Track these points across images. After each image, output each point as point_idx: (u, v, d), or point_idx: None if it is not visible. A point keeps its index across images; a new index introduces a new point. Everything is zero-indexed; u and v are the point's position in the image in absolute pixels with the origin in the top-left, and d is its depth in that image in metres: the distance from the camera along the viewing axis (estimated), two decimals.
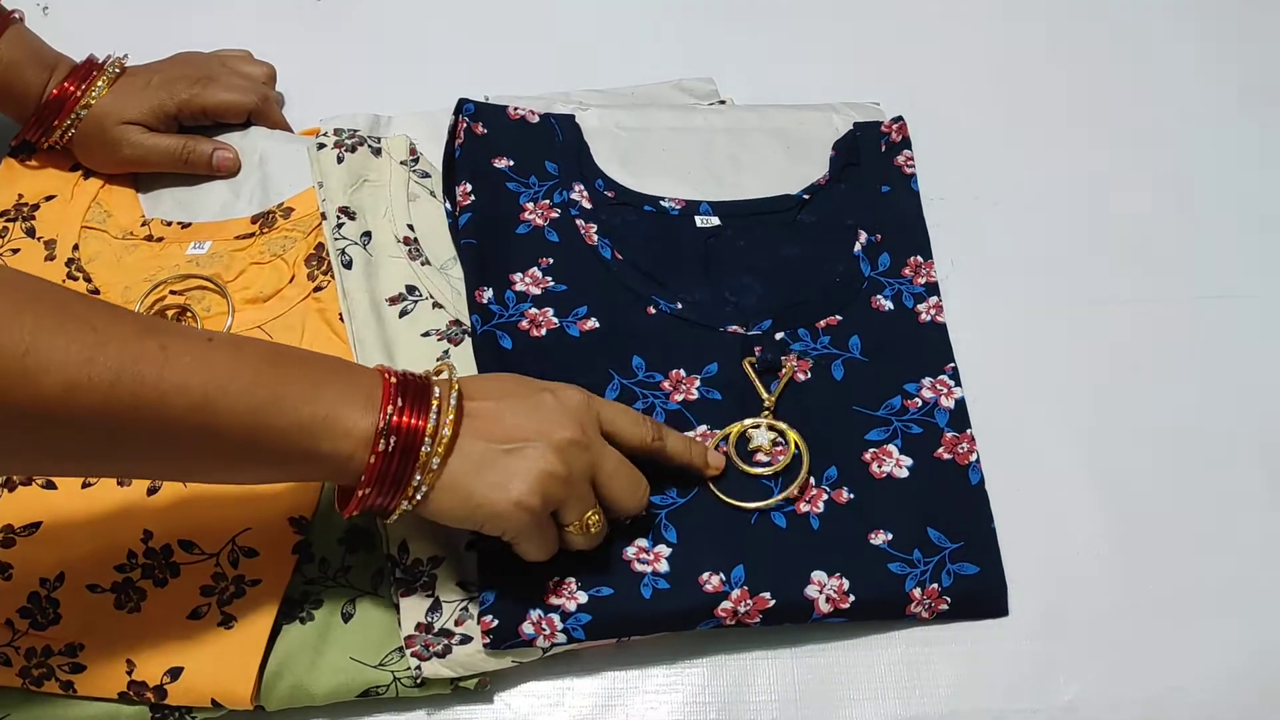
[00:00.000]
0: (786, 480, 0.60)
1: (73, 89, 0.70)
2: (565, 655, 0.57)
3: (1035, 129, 0.78)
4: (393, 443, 0.48)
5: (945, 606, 0.58)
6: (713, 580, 0.56)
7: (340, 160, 0.69)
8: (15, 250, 0.69)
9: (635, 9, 0.85)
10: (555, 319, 0.64)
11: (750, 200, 0.71)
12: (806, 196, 0.71)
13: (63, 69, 0.71)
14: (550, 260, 0.67)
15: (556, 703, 0.57)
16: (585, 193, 0.69)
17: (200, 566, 0.58)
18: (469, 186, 0.68)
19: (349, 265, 0.66)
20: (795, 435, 0.61)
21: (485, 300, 0.64)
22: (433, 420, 0.49)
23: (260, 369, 0.47)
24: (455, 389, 0.51)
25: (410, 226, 0.68)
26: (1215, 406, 0.66)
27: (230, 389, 0.45)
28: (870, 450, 0.62)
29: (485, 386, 0.53)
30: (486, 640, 0.55)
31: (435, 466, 0.49)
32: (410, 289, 0.66)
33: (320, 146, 0.70)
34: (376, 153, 0.70)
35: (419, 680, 0.55)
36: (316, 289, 0.66)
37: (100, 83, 0.70)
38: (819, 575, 0.57)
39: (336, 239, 0.66)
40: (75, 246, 0.69)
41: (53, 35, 0.72)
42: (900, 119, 0.74)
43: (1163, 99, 0.80)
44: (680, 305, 0.66)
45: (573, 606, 0.55)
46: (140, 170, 0.72)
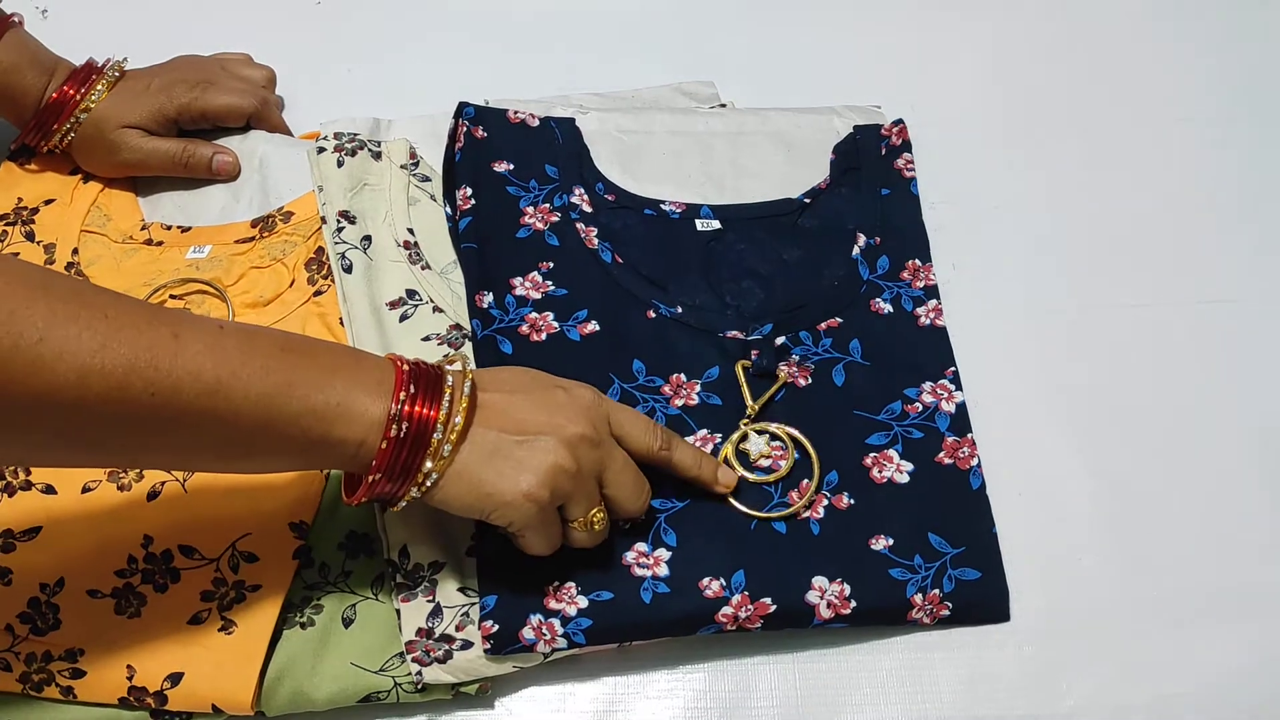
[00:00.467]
0: (787, 486, 0.60)
1: (72, 93, 0.69)
2: (566, 660, 0.57)
3: (1035, 133, 0.78)
4: (404, 430, 0.48)
5: (947, 612, 0.58)
6: (713, 585, 0.56)
7: (340, 164, 0.69)
8: (15, 254, 0.69)
9: (636, 12, 0.85)
10: (555, 323, 0.64)
11: (751, 204, 0.71)
12: (808, 200, 0.71)
13: (62, 72, 0.70)
14: (550, 264, 0.66)
15: (558, 708, 0.57)
16: (585, 196, 0.69)
17: (200, 571, 0.58)
18: (469, 190, 0.68)
19: (349, 269, 0.65)
20: (806, 441, 0.61)
21: (485, 305, 0.64)
22: (445, 409, 0.49)
23: (272, 356, 0.47)
24: (469, 378, 0.51)
25: (410, 230, 0.68)
26: (1216, 411, 0.66)
27: (242, 375, 0.45)
28: (871, 455, 0.61)
29: (498, 378, 0.53)
30: (487, 645, 0.55)
31: (446, 454, 0.49)
32: (410, 293, 0.66)
33: (320, 150, 0.70)
34: (376, 156, 0.70)
35: (420, 686, 0.55)
36: (316, 293, 0.66)
37: (100, 86, 0.70)
38: (820, 581, 0.57)
39: (336, 243, 0.66)
40: (75, 250, 0.69)
41: (51, 39, 0.72)
42: (901, 122, 0.74)
43: (1163, 103, 0.80)
44: (681, 309, 0.66)
45: (573, 611, 0.55)
46: (140, 174, 0.72)
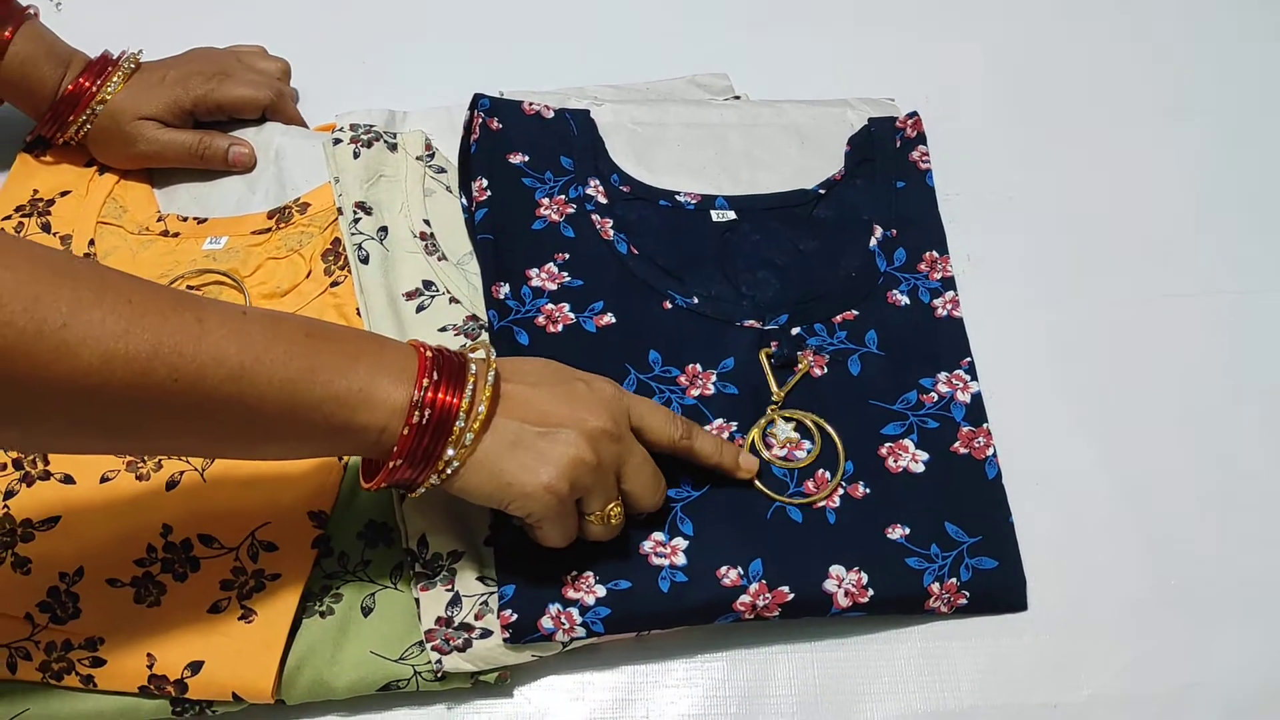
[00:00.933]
0: (804, 475, 0.60)
1: (88, 85, 0.70)
2: (585, 649, 0.57)
3: (1050, 124, 0.78)
4: (426, 416, 0.48)
5: (964, 601, 0.58)
6: (731, 574, 0.56)
7: (356, 155, 0.69)
8: None
9: (650, 5, 0.85)
10: (572, 314, 0.64)
11: (766, 195, 0.71)
12: (822, 192, 0.71)
13: (77, 65, 0.71)
14: (566, 255, 0.67)
15: (576, 697, 0.57)
16: (601, 188, 0.69)
17: (220, 560, 0.58)
18: (485, 182, 0.68)
19: (365, 260, 0.66)
20: (832, 430, 0.61)
21: (502, 295, 0.64)
22: (468, 397, 0.49)
23: (296, 341, 0.47)
24: (493, 367, 0.51)
25: (426, 221, 0.68)
26: (1232, 401, 0.66)
27: (266, 360, 0.45)
28: (886, 445, 0.62)
29: (520, 369, 0.53)
30: (506, 634, 0.55)
31: (469, 442, 0.49)
32: (427, 284, 0.66)
33: (336, 142, 0.70)
34: (392, 148, 0.70)
35: (439, 674, 0.55)
36: (333, 284, 0.66)
37: (116, 78, 0.70)
38: (837, 569, 0.57)
39: (353, 234, 0.66)
40: (91, 242, 0.69)
41: (66, 31, 0.72)
42: (915, 114, 0.74)
43: (1180, 96, 0.80)
44: (697, 300, 0.66)
45: (591, 600, 0.55)
46: (156, 165, 0.72)
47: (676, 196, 0.70)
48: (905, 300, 0.67)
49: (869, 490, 0.60)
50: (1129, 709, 0.56)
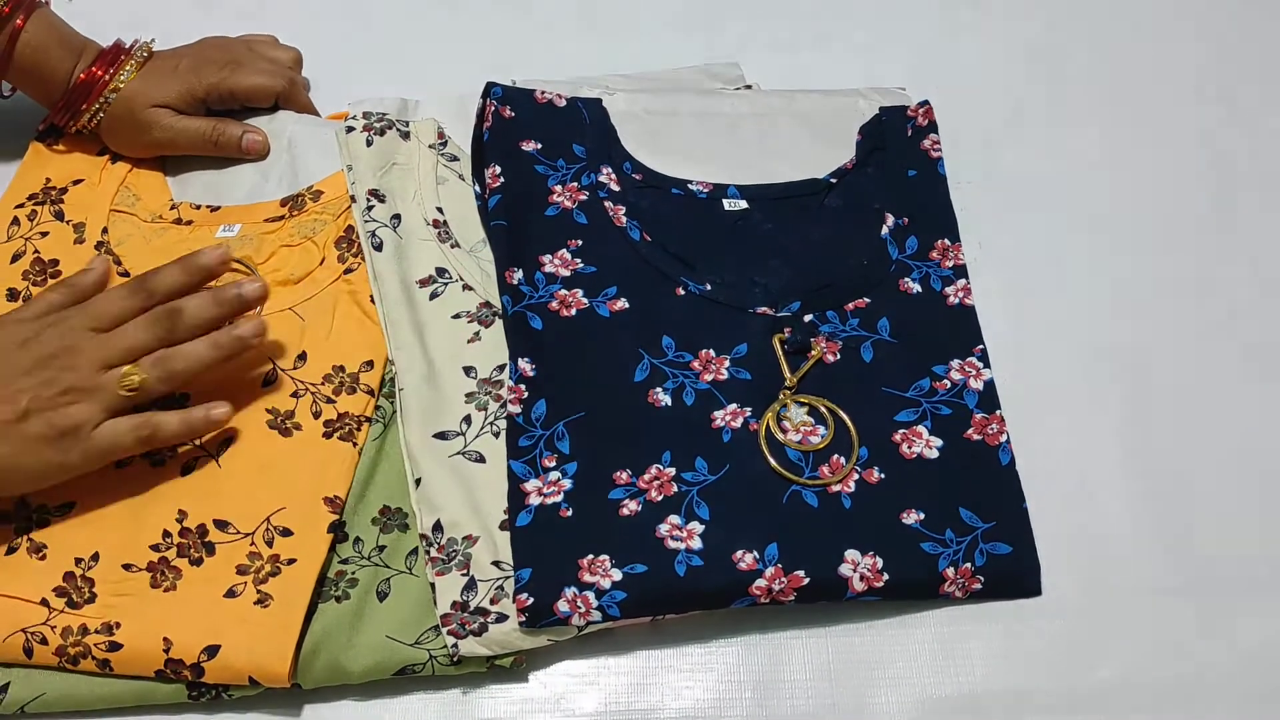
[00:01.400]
0: (818, 460, 0.60)
1: (101, 73, 0.70)
2: (600, 634, 0.57)
3: (1061, 112, 0.78)
4: None
5: (978, 586, 0.58)
6: (746, 558, 0.56)
7: (369, 143, 0.69)
8: (44, 233, 0.69)
9: None
10: (585, 299, 0.64)
11: (777, 184, 0.71)
12: (833, 180, 0.71)
13: (90, 53, 0.71)
14: (579, 242, 0.67)
15: (592, 681, 0.57)
16: (613, 175, 0.70)
17: (235, 545, 0.58)
18: (498, 169, 0.68)
19: (379, 247, 0.66)
20: (845, 415, 0.61)
21: (516, 281, 0.64)
22: None
23: None
24: None
25: (439, 209, 0.68)
26: (1249, 388, 0.66)
27: None
28: (900, 431, 0.62)
29: None
30: (522, 618, 0.55)
31: None
32: (440, 271, 0.66)
33: (349, 129, 0.70)
34: (405, 136, 0.71)
35: (455, 659, 0.55)
36: (347, 270, 0.66)
37: (129, 67, 0.70)
38: (852, 554, 0.57)
39: (366, 221, 0.66)
40: (104, 230, 0.69)
41: (78, 21, 0.72)
42: (926, 103, 0.75)
43: (1191, 81, 0.80)
44: (709, 286, 0.66)
45: (607, 584, 0.55)
46: (169, 153, 0.72)
47: (689, 185, 0.70)
48: (917, 288, 0.67)
49: (883, 475, 0.60)
50: (1143, 694, 0.56)
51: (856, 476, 0.60)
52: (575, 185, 0.69)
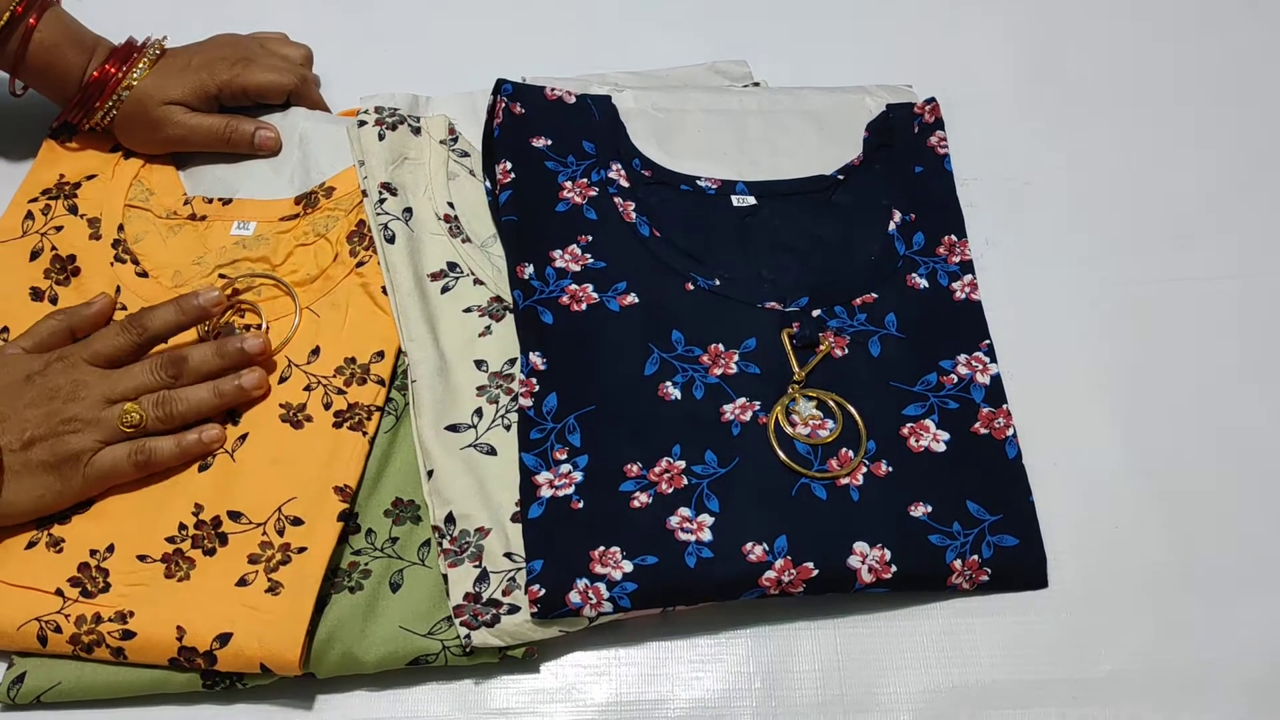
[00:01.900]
0: (827, 453, 0.60)
1: (114, 70, 0.70)
2: (611, 626, 0.57)
3: (1067, 109, 0.78)
4: None
5: (986, 578, 0.59)
6: (756, 550, 0.57)
7: (381, 138, 0.70)
8: (59, 228, 0.69)
9: None
10: (595, 294, 0.65)
11: (786, 180, 0.72)
12: (841, 177, 0.72)
13: (102, 51, 0.71)
14: (589, 238, 0.67)
15: (603, 672, 0.57)
16: (623, 172, 0.70)
17: (248, 535, 0.58)
18: (509, 164, 0.69)
19: (391, 239, 0.66)
20: (854, 409, 0.62)
21: (526, 276, 0.65)
22: None
23: None
24: None
25: (450, 204, 0.69)
26: (1251, 382, 0.66)
27: None
28: (908, 425, 0.62)
29: None
30: (534, 609, 0.55)
31: None
32: (451, 265, 0.66)
33: (361, 124, 0.70)
34: (416, 131, 0.71)
35: (468, 649, 0.56)
36: (359, 264, 0.67)
37: (142, 64, 0.71)
38: (861, 546, 0.57)
39: (379, 214, 0.67)
40: (120, 227, 0.69)
41: (89, 19, 0.72)
42: (933, 100, 0.75)
43: (1197, 79, 0.80)
44: (718, 282, 0.66)
45: (618, 575, 0.56)
46: (182, 150, 0.73)
47: (698, 181, 0.71)
48: (924, 284, 0.68)
49: (892, 469, 0.60)
50: (1148, 685, 0.57)
51: (865, 470, 0.60)
52: (585, 181, 0.69)
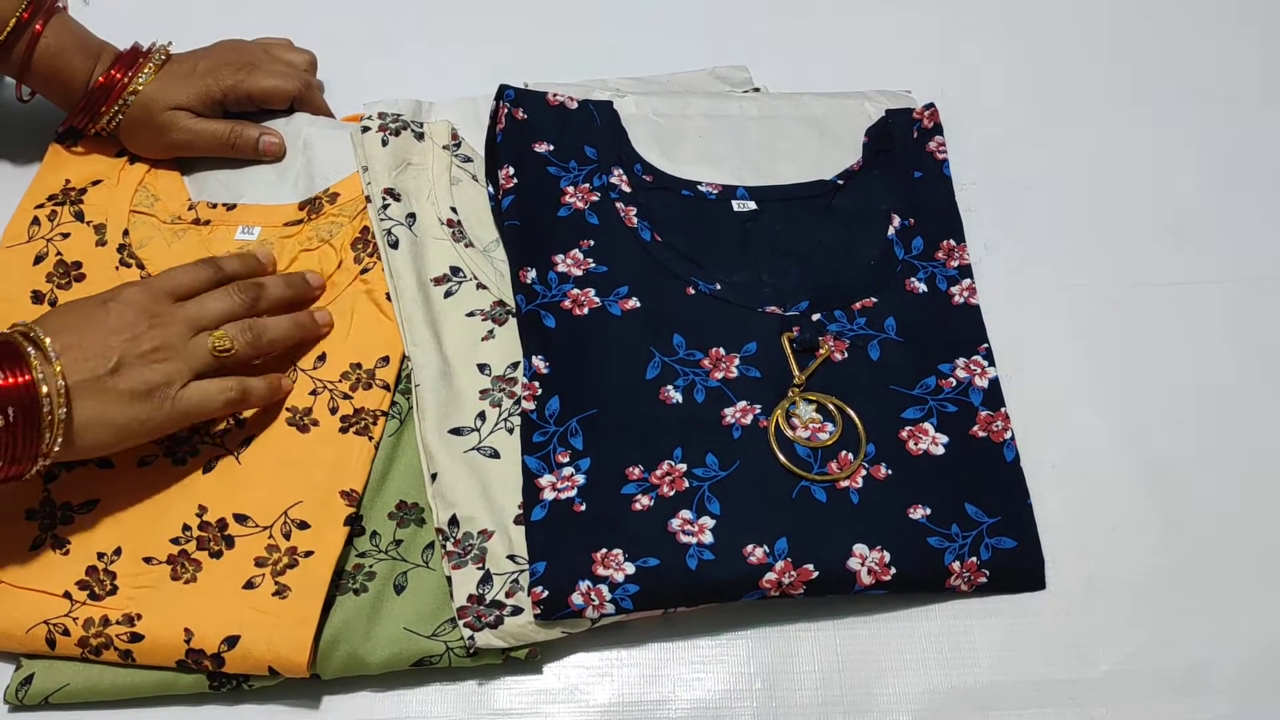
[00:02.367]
0: (827, 456, 0.61)
1: (120, 76, 0.71)
2: (612, 627, 0.58)
3: (1065, 114, 0.79)
4: (12, 413, 0.51)
5: (984, 579, 0.59)
6: (756, 552, 0.57)
7: (385, 143, 0.70)
8: (65, 234, 0.70)
9: None
10: (597, 298, 0.66)
11: (785, 185, 0.72)
12: (841, 182, 0.72)
13: (108, 56, 0.71)
14: (591, 242, 0.68)
15: (605, 673, 0.58)
16: (624, 177, 0.71)
17: (254, 538, 0.59)
18: (511, 170, 0.69)
19: (395, 245, 0.67)
20: (853, 412, 0.62)
21: (529, 280, 0.66)
22: (39, 373, 0.52)
23: None
24: (33, 331, 0.54)
25: (453, 209, 0.69)
26: (1250, 385, 0.67)
27: None
28: (907, 428, 0.63)
29: (54, 322, 0.56)
30: (537, 611, 0.56)
31: (64, 417, 0.53)
32: (454, 270, 0.67)
33: (365, 129, 0.71)
34: (419, 137, 0.72)
35: (471, 650, 0.56)
36: (363, 271, 0.67)
37: (147, 69, 0.71)
38: (860, 548, 0.58)
39: (382, 219, 0.67)
40: (125, 232, 0.70)
41: (94, 25, 0.73)
42: (932, 106, 0.76)
43: (1195, 82, 0.81)
44: (719, 286, 0.67)
45: (620, 577, 0.56)
46: (187, 155, 0.73)
47: (698, 186, 0.71)
48: (923, 288, 0.68)
49: (891, 472, 0.61)
50: (1146, 685, 0.58)
51: (864, 472, 0.61)
52: (587, 186, 0.70)
